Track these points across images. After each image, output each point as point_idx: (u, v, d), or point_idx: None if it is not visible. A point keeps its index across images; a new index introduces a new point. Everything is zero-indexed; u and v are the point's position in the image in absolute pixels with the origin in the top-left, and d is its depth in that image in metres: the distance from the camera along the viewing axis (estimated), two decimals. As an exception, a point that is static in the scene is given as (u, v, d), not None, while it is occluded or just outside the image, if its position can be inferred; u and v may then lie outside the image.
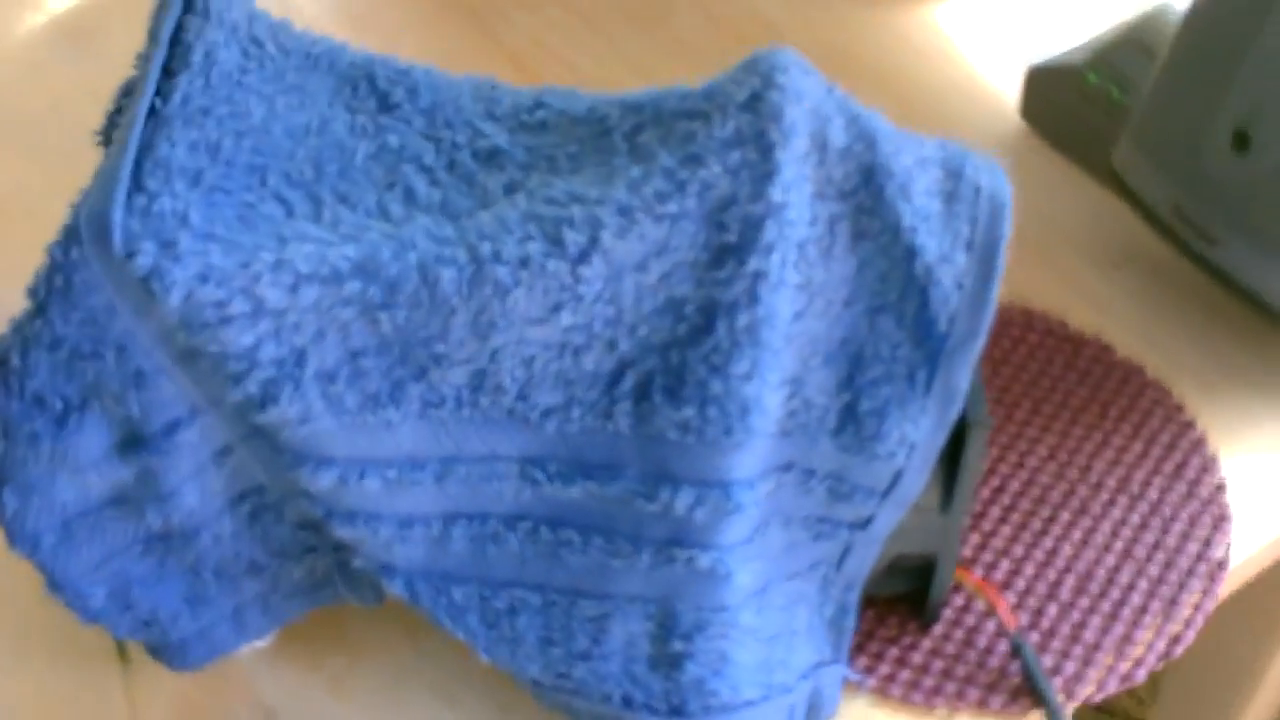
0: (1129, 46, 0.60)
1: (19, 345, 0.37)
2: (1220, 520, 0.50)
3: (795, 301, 0.38)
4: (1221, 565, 0.49)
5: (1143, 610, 0.48)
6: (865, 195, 0.38)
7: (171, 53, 0.39)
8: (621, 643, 0.39)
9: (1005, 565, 0.49)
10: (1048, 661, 0.46)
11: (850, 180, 0.38)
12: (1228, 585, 0.50)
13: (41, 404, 0.37)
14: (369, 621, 0.46)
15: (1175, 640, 0.47)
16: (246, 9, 0.41)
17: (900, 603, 0.47)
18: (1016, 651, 0.46)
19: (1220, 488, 0.51)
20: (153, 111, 0.38)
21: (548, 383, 0.37)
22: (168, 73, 0.38)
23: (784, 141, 0.37)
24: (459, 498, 0.39)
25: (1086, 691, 0.46)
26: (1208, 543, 0.50)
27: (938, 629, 0.47)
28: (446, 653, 0.45)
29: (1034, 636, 0.47)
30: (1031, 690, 0.45)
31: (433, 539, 0.39)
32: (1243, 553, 0.50)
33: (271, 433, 0.37)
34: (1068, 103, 0.62)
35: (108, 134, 0.42)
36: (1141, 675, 0.47)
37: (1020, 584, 0.48)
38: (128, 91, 0.41)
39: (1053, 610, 0.48)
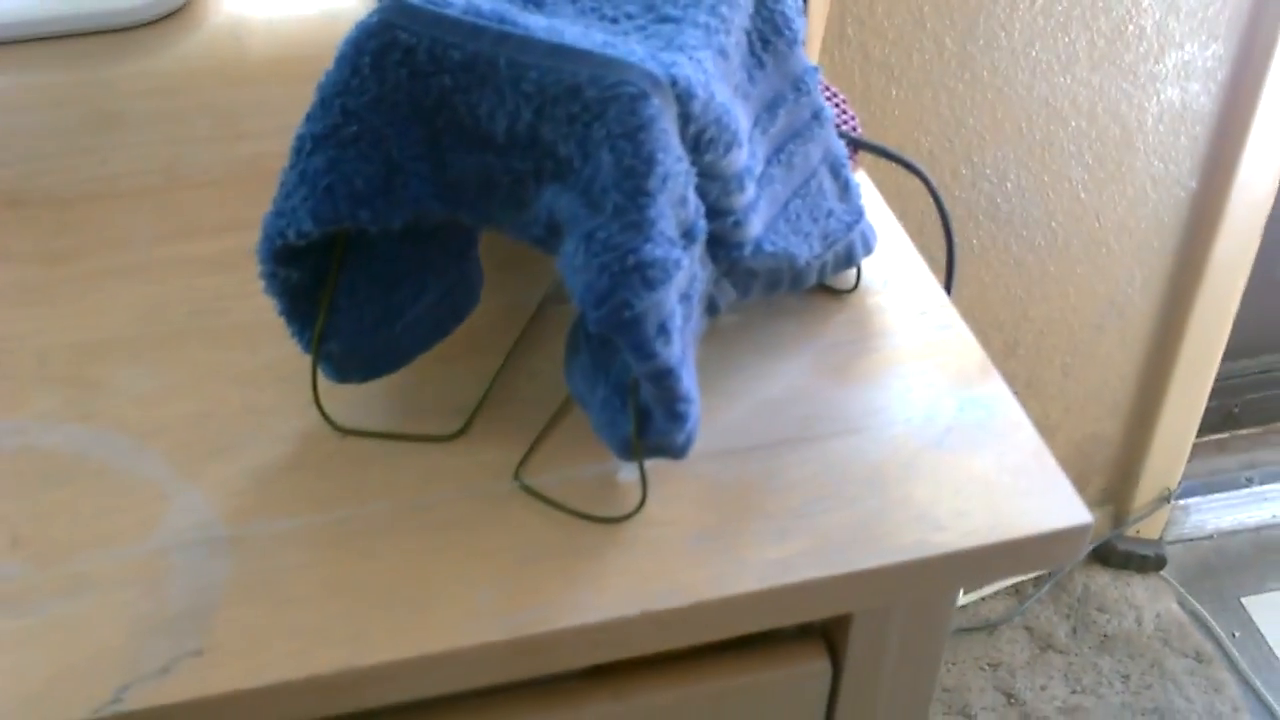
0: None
1: (660, 209, 0.42)
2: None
3: None
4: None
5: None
6: None
7: None
8: (816, 191, 0.54)
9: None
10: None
11: None
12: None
13: (673, 243, 0.43)
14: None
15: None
16: None
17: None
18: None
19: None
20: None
21: (738, 63, 0.50)
22: None
23: None
24: (757, 160, 0.50)
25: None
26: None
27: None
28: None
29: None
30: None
31: (761, 195, 0.51)
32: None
33: (722, 170, 0.46)
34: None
35: None
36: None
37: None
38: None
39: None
